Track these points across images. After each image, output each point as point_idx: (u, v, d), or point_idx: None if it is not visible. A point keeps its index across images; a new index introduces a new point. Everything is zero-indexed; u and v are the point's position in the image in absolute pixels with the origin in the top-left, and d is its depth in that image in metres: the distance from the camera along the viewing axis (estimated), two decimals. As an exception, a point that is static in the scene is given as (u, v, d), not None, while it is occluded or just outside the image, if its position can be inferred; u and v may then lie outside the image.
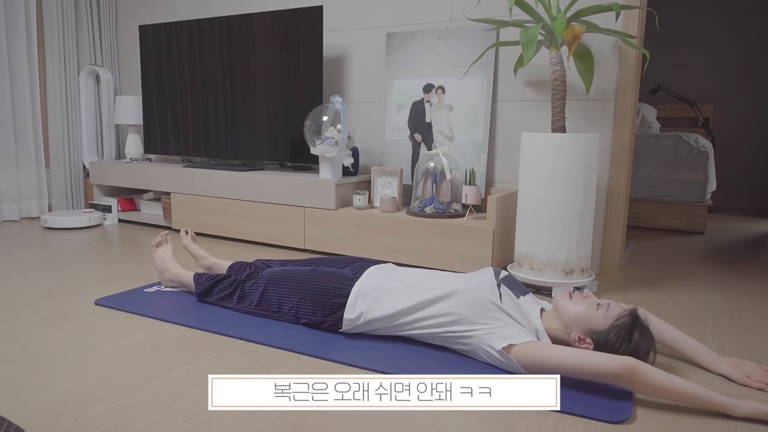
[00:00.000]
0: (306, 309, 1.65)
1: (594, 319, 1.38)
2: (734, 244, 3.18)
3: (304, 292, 1.65)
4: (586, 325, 1.39)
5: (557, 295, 1.48)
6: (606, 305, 1.40)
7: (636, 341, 1.34)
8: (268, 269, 1.79)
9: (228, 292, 1.81)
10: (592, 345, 1.37)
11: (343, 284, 1.61)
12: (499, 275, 1.54)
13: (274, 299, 1.71)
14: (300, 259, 1.92)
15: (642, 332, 1.36)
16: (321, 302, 1.62)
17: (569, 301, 1.44)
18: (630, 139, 2.31)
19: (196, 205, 3.03)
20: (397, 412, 1.21)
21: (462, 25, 2.61)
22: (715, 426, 1.18)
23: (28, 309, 1.83)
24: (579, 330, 1.40)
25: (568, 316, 1.41)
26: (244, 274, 1.83)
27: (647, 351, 1.35)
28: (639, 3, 2.21)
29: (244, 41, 2.98)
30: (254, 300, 1.74)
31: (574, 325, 1.40)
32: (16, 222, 3.36)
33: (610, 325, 1.37)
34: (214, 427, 1.13)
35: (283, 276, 1.71)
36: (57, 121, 3.52)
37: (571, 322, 1.41)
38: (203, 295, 1.86)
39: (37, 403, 1.21)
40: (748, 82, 4.68)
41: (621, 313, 1.38)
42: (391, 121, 2.77)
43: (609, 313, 1.38)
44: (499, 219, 2.26)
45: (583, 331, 1.39)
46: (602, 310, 1.39)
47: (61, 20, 3.48)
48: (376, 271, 1.65)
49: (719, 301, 2.09)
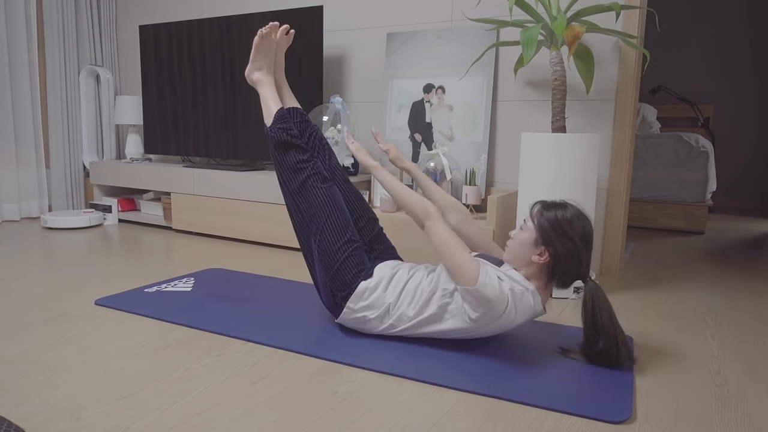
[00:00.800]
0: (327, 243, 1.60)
1: (524, 237, 1.47)
2: (734, 244, 3.18)
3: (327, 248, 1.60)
4: (527, 245, 1.46)
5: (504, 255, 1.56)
6: (522, 222, 1.51)
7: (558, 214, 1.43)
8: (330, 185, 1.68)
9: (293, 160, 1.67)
10: (545, 248, 1.43)
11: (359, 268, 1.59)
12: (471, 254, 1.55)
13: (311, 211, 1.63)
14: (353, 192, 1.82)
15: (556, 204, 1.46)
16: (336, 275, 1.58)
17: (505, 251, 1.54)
18: (630, 139, 2.31)
19: (196, 205, 3.03)
20: (396, 412, 1.21)
21: (462, 25, 2.61)
22: (715, 426, 1.18)
23: (28, 309, 1.83)
24: (529, 253, 1.46)
25: (514, 255, 1.50)
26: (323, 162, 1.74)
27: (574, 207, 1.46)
28: (639, 3, 2.21)
29: (244, 41, 2.98)
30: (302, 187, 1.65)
31: (522, 255, 1.47)
32: (16, 222, 3.36)
33: (537, 228, 1.45)
34: (214, 427, 1.13)
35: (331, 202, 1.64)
36: (57, 121, 3.52)
37: (519, 255, 1.48)
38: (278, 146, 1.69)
39: (37, 403, 1.21)
40: (748, 82, 4.68)
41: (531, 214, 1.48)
42: (391, 121, 2.77)
43: (527, 224, 1.48)
44: (499, 219, 2.26)
45: (530, 250, 1.46)
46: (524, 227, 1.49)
47: (61, 20, 3.48)
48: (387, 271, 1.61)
49: (719, 301, 2.09)
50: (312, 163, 1.67)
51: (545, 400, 1.26)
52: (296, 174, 1.66)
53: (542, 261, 1.44)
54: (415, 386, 1.33)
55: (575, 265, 1.43)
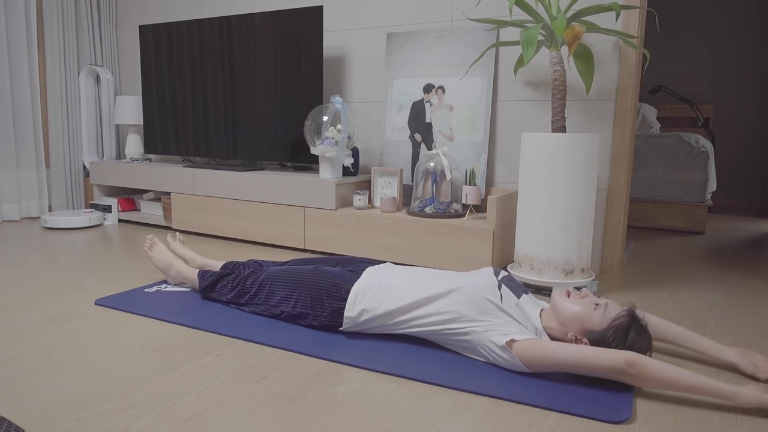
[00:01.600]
0: (305, 307, 1.65)
1: (592, 318, 1.38)
2: (734, 244, 3.18)
3: (303, 290, 1.65)
4: (583, 325, 1.38)
5: (555, 293, 1.48)
6: (604, 305, 1.40)
7: (632, 340, 1.34)
8: (270, 267, 1.80)
9: (230, 287, 1.82)
10: (588, 345, 1.37)
11: (343, 281, 1.62)
12: (498, 275, 1.54)
13: (274, 297, 1.71)
14: (299, 258, 1.92)
15: (639, 332, 1.35)
16: (321, 300, 1.62)
17: (566, 300, 1.43)
18: (630, 139, 2.31)
19: (196, 205, 3.03)
20: (397, 412, 1.21)
21: (462, 25, 2.61)
22: (715, 425, 1.18)
23: (28, 309, 1.83)
24: (576, 330, 1.39)
25: (565, 315, 1.41)
26: (246, 271, 1.83)
27: (644, 351, 1.35)
28: (639, 3, 2.21)
29: (244, 41, 2.98)
30: (255, 297, 1.75)
31: (571, 325, 1.40)
32: (16, 222, 3.36)
33: (607, 325, 1.36)
34: (214, 427, 1.13)
35: (284, 274, 1.71)
36: (57, 121, 3.52)
37: (568, 322, 1.41)
38: (207, 291, 1.87)
39: (37, 403, 1.21)
40: (748, 83, 4.68)
41: (619, 313, 1.38)
42: (391, 121, 2.77)
43: (607, 313, 1.38)
44: (499, 219, 2.26)
45: (579, 330, 1.39)
46: (600, 310, 1.39)
47: (61, 20, 3.48)
48: (375, 270, 1.65)
49: (719, 301, 2.09)
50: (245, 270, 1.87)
51: (545, 400, 1.26)
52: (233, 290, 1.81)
53: (574, 342, 1.39)
54: (415, 386, 1.33)
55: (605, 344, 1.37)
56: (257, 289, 1.75)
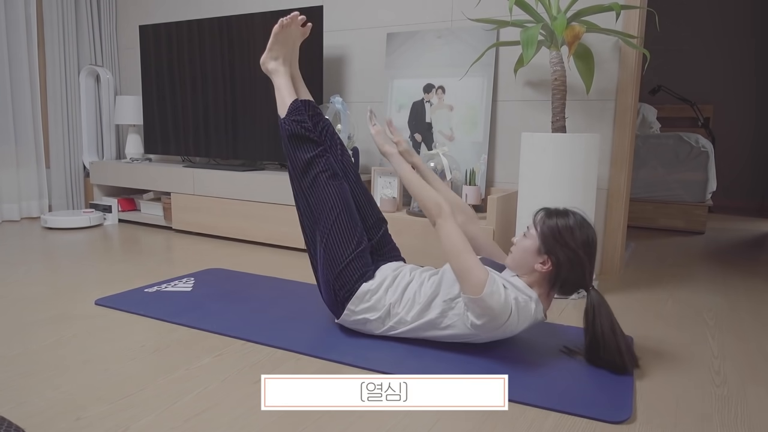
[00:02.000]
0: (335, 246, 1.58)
1: (528, 244, 1.46)
2: (734, 244, 3.18)
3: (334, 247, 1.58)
4: (531, 252, 1.45)
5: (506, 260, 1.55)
6: (525, 229, 1.50)
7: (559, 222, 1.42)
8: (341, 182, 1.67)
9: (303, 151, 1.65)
10: (547, 256, 1.42)
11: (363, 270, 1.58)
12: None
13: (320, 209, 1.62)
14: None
15: (558, 212, 1.45)
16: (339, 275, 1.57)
17: (508, 256, 1.53)
18: (630, 139, 2.31)
19: (196, 205, 3.03)
20: (397, 412, 1.21)
21: (462, 25, 2.61)
22: (715, 425, 1.18)
23: (28, 309, 1.83)
24: (532, 261, 1.45)
25: (517, 261, 1.48)
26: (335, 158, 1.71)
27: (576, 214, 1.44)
28: (639, 3, 2.21)
29: (244, 41, 2.98)
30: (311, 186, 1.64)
31: (527, 260, 1.46)
32: (16, 222, 3.36)
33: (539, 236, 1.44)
34: (214, 427, 1.13)
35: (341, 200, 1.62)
36: (57, 121, 3.52)
37: (523, 262, 1.47)
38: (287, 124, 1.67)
39: (37, 403, 1.21)
40: (748, 82, 4.68)
41: (534, 222, 1.47)
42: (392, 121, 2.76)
43: (530, 232, 1.47)
44: (499, 219, 2.26)
45: (533, 258, 1.45)
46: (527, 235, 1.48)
47: (61, 20, 3.48)
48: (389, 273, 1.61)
49: (719, 301, 2.09)
50: (325, 158, 1.66)
51: (545, 400, 1.26)
52: (308, 168, 1.64)
53: (545, 270, 1.43)
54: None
55: (577, 274, 1.42)
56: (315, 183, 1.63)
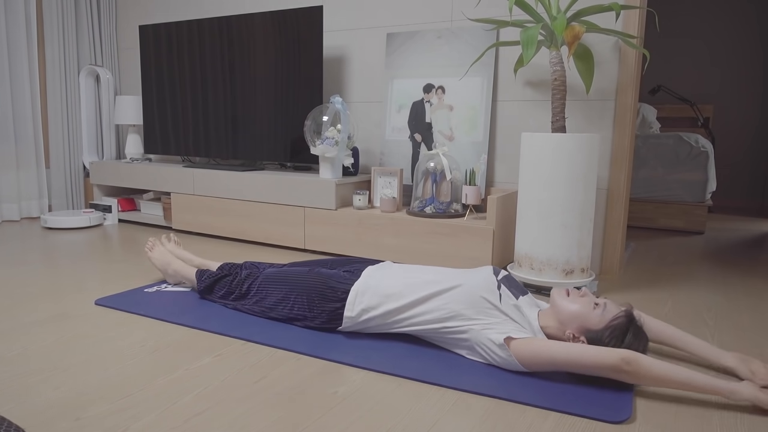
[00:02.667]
0: (302, 309, 1.65)
1: (590, 318, 1.39)
2: (734, 244, 3.18)
3: (299, 292, 1.66)
4: (582, 324, 1.39)
5: (554, 292, 1.48)
6: (603, 305, 1.40)
7: (628, 341, 1.34)
8: (267, 270, 1.80)
9: (227, 289, 1.82)
10: (585, 343, 1.37)
11: (339, 283, 1.62)
12: (498, 275, 1.54)
13: (270, 299, 1.72)
14: (296, 262, 1.92)
15: (635, 333, 1.36)
16: (315, 303, 1.62)
17: (566, 299, 1.44)
18: (630, 139, 2.31)
19: (196, 205, 3.03)
20: (396, 412, 1.21)
21: (462, 25, 2.61)
22: (715, 425, 1.18)
23: (28, 309, 1.83)
24: (574, 328, 1.40)
25: (564, 314, 1.42)
26: (243, 273, 1.84)
27: (640, 351, 1.35)
28: (639, 3, 2.21)
29: (244, 41, 2.98)
30: (253, 298, 1.76)
31: (569, 323, 1.41)
32: (16, 222, 3.36)
33: (605, 325, 1.37)
34: (214, 427, 1.13)
35: (280, 276, 1.72)
36: (57, 121, 3.52)
37: (567, 320, 1.41)
38: (205, 292, 1.88)
39: (37, 403, 1.21)
40: (748, 83, 4.68)
41: (617, 314, 1.38)
42: (391, 121, 2.77)
43: (605, 313, 1.38)
44: (499, 219, 2.26)
45: (578, 329, 1.40)
46: (599, 310, 1.39)
47: (61, 20, 3.48)
48: (375, 269, 1.65)
49: (719, 301, 2.09)
50: (241, 271, 1.85)
51: (545, 400, 1.26)
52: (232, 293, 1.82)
53: (571, 341, 1.40)
54: (415, 386, 1.33)
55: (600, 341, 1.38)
56: (255, 292, 1.76)
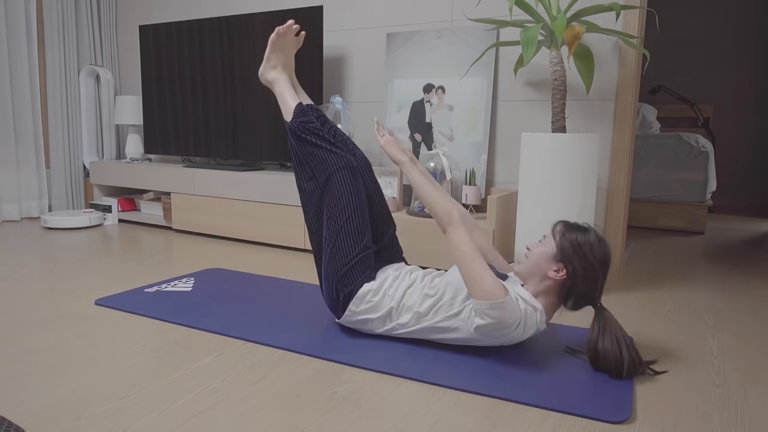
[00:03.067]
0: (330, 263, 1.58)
1: (545, 250, 1.45)
2: (734, 244, 3.18)
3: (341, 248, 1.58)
4: (545, 259, 1.44)
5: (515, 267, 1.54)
6: (542, 236, 1.50)
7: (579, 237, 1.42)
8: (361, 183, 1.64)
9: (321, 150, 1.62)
10: (562, 265, 1.42)
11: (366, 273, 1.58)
12: None
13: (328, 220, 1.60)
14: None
15: (578, 227, 1.44)
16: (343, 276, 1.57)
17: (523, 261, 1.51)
18: (630, 139, 2.31)
19: (196, 205, 3.03)
20: (396, 412, 1.21)
21: (462, 25, 2.61)
22: (715, 425, 1.18)
23: (28, 309, 1.83)
24: (546, 268, 1.44)
25: (531, 267, 1.47)
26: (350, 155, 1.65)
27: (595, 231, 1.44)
28: (639, 3, 2.21)
29: (244, 41, 2.98)
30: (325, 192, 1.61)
31: (540, 268, 1.45)
32: (16, 222, 3.36)
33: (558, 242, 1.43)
34: (214, 427, 1.13)
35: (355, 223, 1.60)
36: (57, 121, 3.52)
37: (537, 269, 1.46)
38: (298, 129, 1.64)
39: (37, 403, 1.21)
40: (748, 83, 4.68)
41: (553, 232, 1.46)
42: (391, 121, 2.77)
43: (550, 238, 1.46)
44: (499, 219, 2.26)
45: (548, 265, 1.44)
46: (544, 241, 1.47)
47: (61, 20, 3.48)
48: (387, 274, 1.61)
49: (719, 301, 2.09)
50: (340, 155, 1.62)
51: (545, 400, 1.26)
52: (323, 166, 1.61)
53: (558, 277, 1.42)
54: (415, 386, 1.34)
55: (590, 289, 1.41)
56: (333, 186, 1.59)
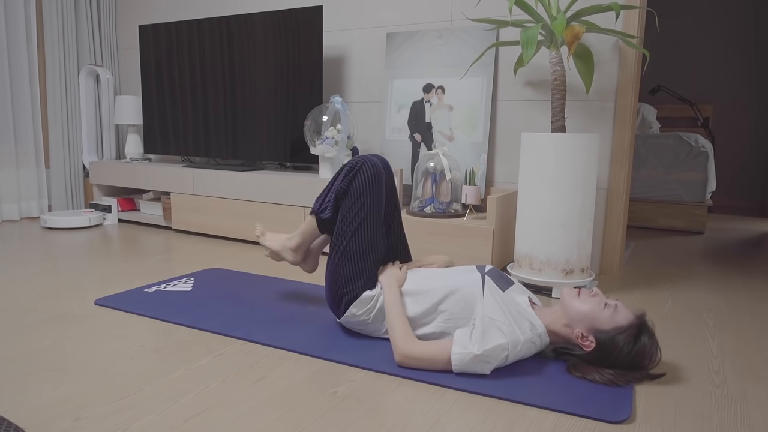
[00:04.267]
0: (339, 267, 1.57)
1: (600, 317, 1.37)
2: (734, 244, 3.18)
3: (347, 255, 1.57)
4: (591, 323, 1.37)
5: (564, 290, 1.46)
6: (614, 306, 1.38)
7: (642, 344, 1.33)
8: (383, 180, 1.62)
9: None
10: (594, 344, 1.36)
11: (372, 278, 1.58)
12: (484, 269, 1.54)
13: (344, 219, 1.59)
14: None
15: (650, 337, 1.35)
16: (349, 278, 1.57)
17: (576, 298, 1.42)
18: (630, 139, 2.31)
19: (196, 205, 3.03)
20: (397, 412, 1.21)
21: (462, 25, 2.61)
22: (715, 425, 1.18)
23: (28, 309, 1.83)
24: (583, 327, 1.39)
25: (574, 312, 1.40)
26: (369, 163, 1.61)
27: (652, 355, 1.35)
28: (639, 3, 2.21)
29: (244, 41, 2.98)
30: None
31: (579, 322, 1.39)
32: (16, 222, 3.36)
33: (615, 326, 1.35)
34: (214, 427, 1.13)
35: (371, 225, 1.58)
36: (57, 121, 3.52)
37: (576, 319, 1.39)
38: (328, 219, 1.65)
39: (37, 403, 1.21)
40: (748, 83, 4.67)
41: (627, 316, 1.37)
42: (391, 121, 2.77)
43: (616, 314, 1.37)
44: (499, 219, 2.26)
45: (586, 328, 1.38)
46: (609, 310, 1.38)
47: (61, 20, 3.48)
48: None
49: (719, 301, 2.09)
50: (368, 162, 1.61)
51: (545, 400, 1.26)
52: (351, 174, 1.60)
53: (581, 343, 1.38)
54: (415, 386, 1.33)
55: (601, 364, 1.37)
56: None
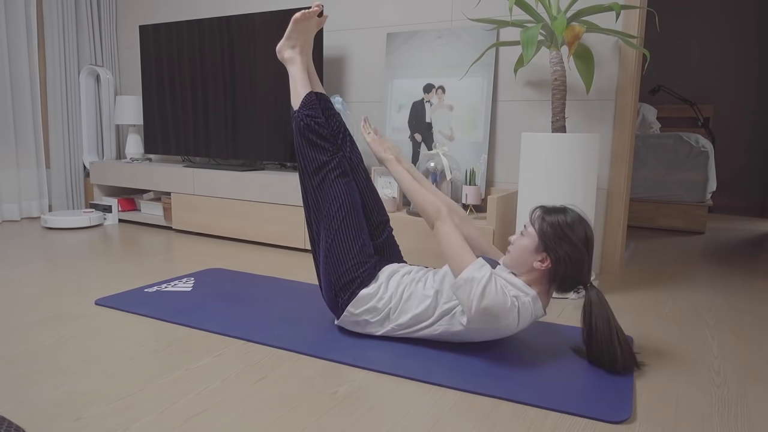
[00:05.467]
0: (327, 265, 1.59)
1: (524, 242, 1.46)
2: (734, 244, 3.18)
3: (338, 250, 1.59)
4: (528, 250, 1.45)
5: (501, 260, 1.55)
6: (523, 227, 1.50)
7: (565, 211, 1.44)
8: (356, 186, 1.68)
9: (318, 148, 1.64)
10: (546, 253, 1.42)
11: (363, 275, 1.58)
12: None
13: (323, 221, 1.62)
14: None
15: (555, 211, 1.44)
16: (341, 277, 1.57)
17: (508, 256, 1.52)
18: (630, 139, 2.31)
19: (196, 205, 3.03)
20: (397, 412, 1.21)
21: (462, 25, 2.61)
22: (715, 425, 1.18)
23: (28, 309, 1.83)
24: (531, 258, 1.45)
25: (516, 261, 1.48)
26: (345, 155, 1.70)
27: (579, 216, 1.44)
28: (639, 3, 2.21)
29: (245, 41, 2.98)
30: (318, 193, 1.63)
31: (523, 261, 1.46)
32: (16, 222, 3.36)
33: (538, 231, 1.44)
34: (214, 427, 1.13)
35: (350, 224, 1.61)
36: (57, 121, 3.52)
37: (521, 260, 1.47)
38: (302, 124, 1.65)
39: (37, 403, 1.22)
40: (748, 83, 4.67)
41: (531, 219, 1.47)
42: (391, 121, 2.77)
43: (527, 230, 1.47)
44: (499, 219, 2.26)
45: (531, 254, 1.45)
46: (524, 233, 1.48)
47: (61, 20, 3.48)
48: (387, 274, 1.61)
49: (719, 301, 2.09)
50: (335, 156, 1.64)
51: (545, 400, 1.26)
52: (318, 166, 1.63)
53: (543, 267, 1.43)
54: (415, 386, 1.34)
55: (577, 270, 1.42)
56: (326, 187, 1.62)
